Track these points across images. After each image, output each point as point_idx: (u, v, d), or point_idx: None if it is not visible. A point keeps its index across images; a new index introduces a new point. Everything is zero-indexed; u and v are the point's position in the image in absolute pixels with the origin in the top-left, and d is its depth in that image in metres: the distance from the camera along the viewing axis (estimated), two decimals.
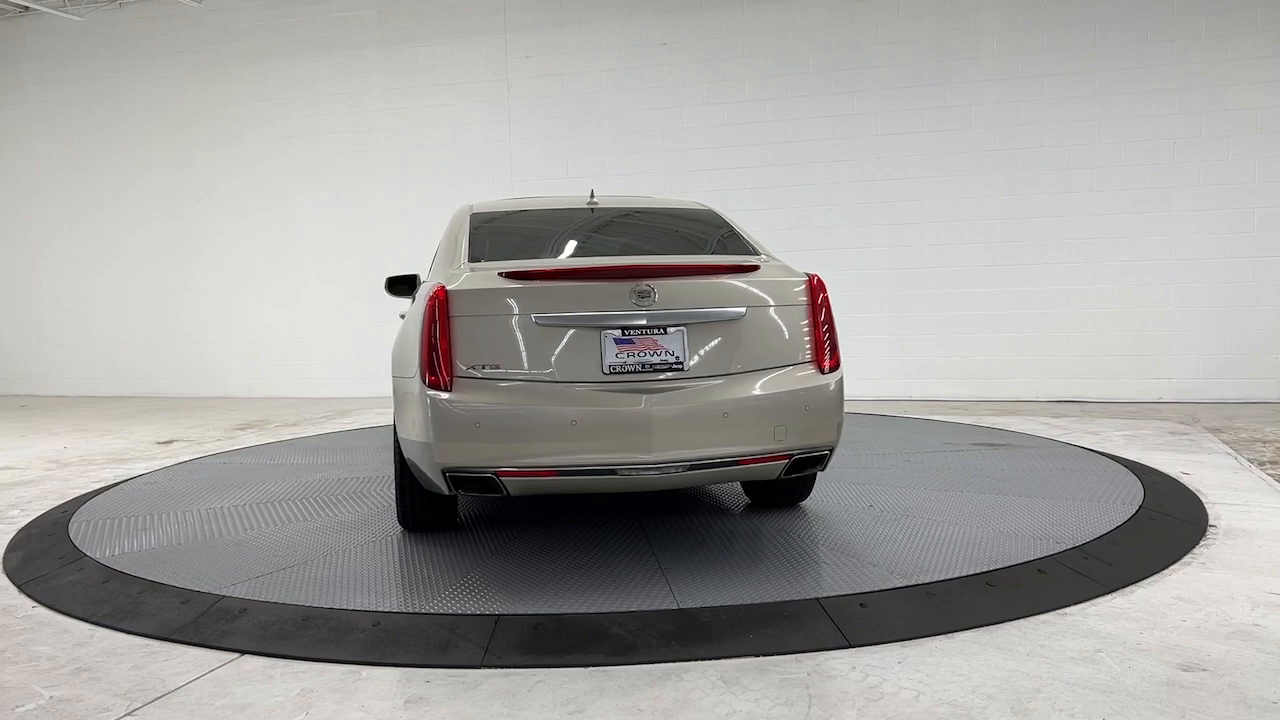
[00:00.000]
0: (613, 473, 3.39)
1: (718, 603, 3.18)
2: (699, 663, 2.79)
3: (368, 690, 2.69)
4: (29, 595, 3.64)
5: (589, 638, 2.98)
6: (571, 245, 4.25)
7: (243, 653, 2.98)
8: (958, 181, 8.63)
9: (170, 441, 7.47)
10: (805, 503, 4.54)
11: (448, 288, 3.50)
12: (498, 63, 9.81)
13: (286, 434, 7.61)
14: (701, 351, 3.54)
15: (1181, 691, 2.53)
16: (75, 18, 10.85)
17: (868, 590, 3.28)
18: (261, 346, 10.82)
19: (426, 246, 6.13)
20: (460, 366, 3.42)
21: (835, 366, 3.73)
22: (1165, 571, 3.50)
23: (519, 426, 3.36)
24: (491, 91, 9.87)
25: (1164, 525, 4.10)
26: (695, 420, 3.44)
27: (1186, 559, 3.65)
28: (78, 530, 4.45)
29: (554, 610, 3.17)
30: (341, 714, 2.55)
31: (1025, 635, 2.94)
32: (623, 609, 3.16)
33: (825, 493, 4.71)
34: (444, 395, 3.39)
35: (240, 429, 8.06)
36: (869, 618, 3.07)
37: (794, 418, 3.57)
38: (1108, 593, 3.28)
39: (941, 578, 3.37)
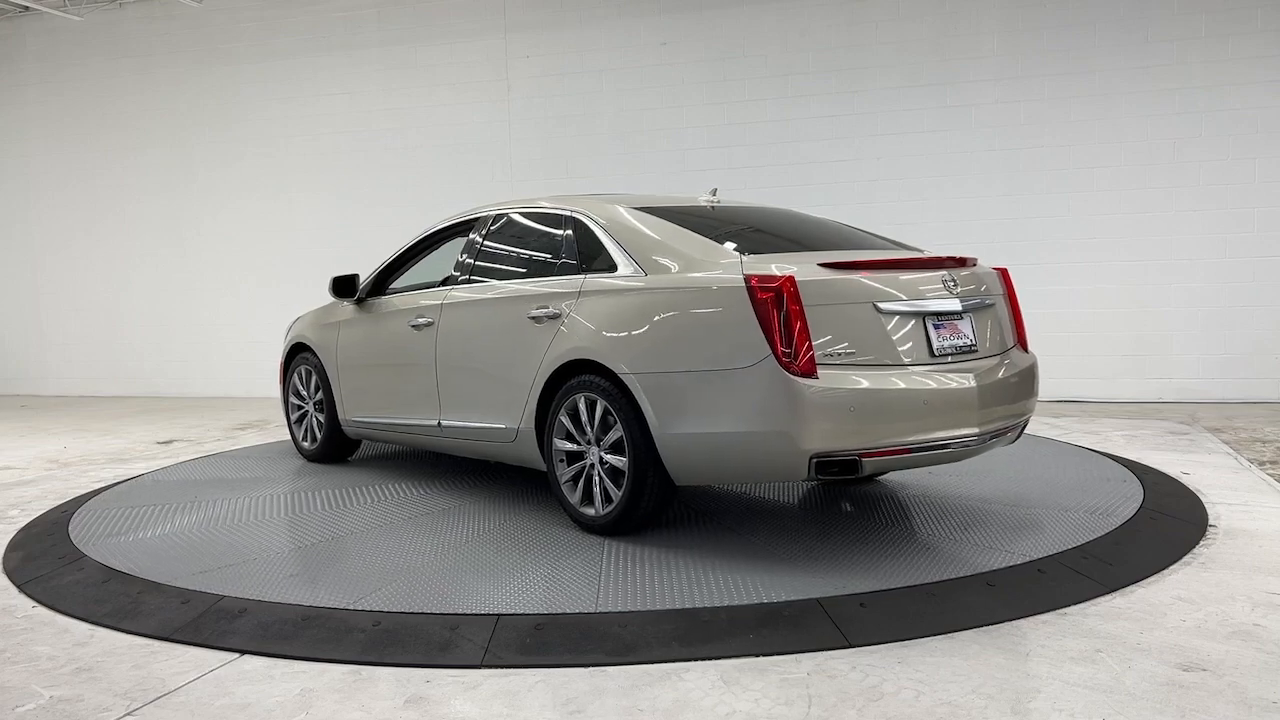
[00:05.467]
0: (946, 447, 3.63)
1: (718, 603, 3.19)
2: (699, 663, 2.79)
3: (368, 690, 2.69)
4: (29, 595, 3.64)
5: (589, 638, 2.98)
6: (778, 240, 4.40)
7: (243, 653, 2.98)
8: (958, 181, 8.62)
9: (170, 441, 7.47)
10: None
11: (797, 277, 3.53)
12: (498, 63, 9.81)
13: (286, 434, 7.59)
14: (982, 334, 3.92)
15: (1181, 691, 2.53)
16: (75, 18, 10.85)
17: (868, 590, 3.28)
18: (262, 346, 10.80)
19: None
20: (818, 353, 3.49)
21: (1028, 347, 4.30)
22: (1165, 571, 3.50)
23: (887, 409, 3.52)
24: (491, 91, 9.86)
25: (1164, 525, 4.10)
26: (1001, 395, 3.81)
27: (1186, 559, 3.65)
28: (78, 530, 4.45)
29: (554, 610, 3.17)
30: (341, 714, 2.55)
31: (1025, 635, 2.94)
32: (623, 609, 3.16)
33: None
34: (813, 382, 3.43)
35: (240, 429, 8.05)
36: (869, 618, 3.07)
37: (1030, 390, 4.09)
38: (1108, 593, 3.28)
39: (941, 578, 3.38)
